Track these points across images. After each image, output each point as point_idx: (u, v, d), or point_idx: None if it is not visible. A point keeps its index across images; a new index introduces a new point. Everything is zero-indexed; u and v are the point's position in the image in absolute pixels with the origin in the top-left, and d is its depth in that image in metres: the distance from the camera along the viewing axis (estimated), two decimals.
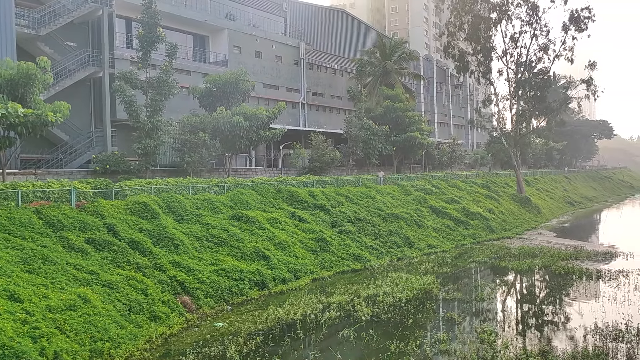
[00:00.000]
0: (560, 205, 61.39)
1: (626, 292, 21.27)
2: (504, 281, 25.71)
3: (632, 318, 17.52)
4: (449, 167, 64.56)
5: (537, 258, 28.94)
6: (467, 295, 21.85)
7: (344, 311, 18.72)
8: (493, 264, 28.56)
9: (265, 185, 31.63)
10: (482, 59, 51.35)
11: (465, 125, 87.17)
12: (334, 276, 25.09)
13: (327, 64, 60.78)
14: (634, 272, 24.95)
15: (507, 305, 21.25)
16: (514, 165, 53.74)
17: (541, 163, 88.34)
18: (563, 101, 55.78)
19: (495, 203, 46.96)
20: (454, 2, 49.89)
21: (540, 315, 19.36)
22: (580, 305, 20.07)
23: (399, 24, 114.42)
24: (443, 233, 35.53)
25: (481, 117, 59.88)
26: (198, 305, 18.84)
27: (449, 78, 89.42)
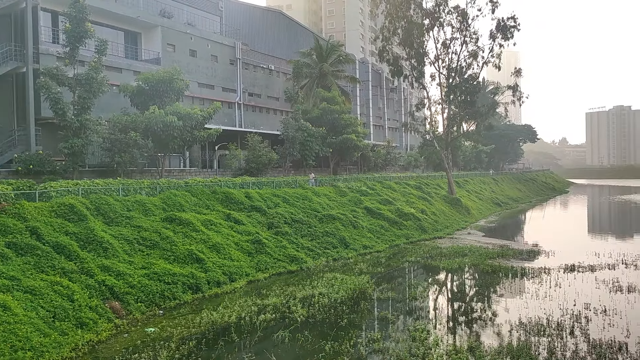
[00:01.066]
0: (488, 206, 63.87)
1: (548, 289, 22.36)
2: (436, 280, 26.41)
3: (553, 313, 18.43)
4: (383, 168, 65.78)
5: (467, 257, 29.93)
6: (401, 294, 22.28)
7: (279, 313, 18.62)
8: (425, 263, 29.28)
9: (199, 186, 31.01)
10: (416, 64, 52.73)
11: (399, 128, 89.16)
12: (270, 278, 24.94)
13: (264, 65, 60.47)
14: (554, 269, 26.28)
15: (438, 303, 21.82)
16: (446, 167, 55.48)
17: (471, 165, 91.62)
18: (491, 106, 58.18)
19: (428, 204, 48.26)
20: (388, 7, 50.94)
21: (469, 312, 20.00)
22: (507, 301, 20.91)
23: (335, 27, 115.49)
24: (378, 234, 36.11)
25: (415, 121, 61.42)
26: (128, 310, 18.19)
27: (384, 81, 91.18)
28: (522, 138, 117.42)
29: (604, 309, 18.84)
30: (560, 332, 16.23)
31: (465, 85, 53.34)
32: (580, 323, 17.18)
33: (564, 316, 18.00)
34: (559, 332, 16.24)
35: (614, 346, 14.81)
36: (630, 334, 16.10)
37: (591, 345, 14.93)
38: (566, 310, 18.79)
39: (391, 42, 52.27)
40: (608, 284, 22.92)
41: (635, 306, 19.34)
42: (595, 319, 17.65)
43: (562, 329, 16.45)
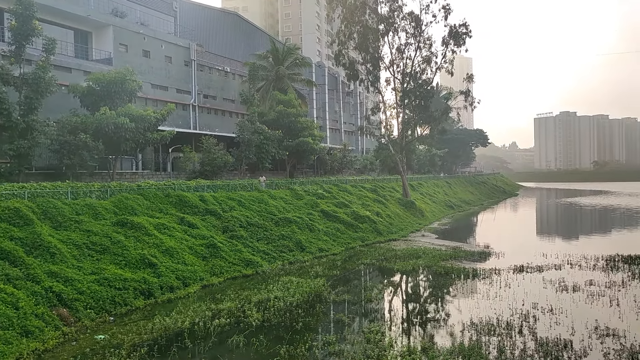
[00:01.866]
0: (441, 209, 65.15)
1: (498, 289, 22.96)
2: (391, 282, 26.73)
3: (503, 313, 18.94)
4: (340, 172, 66.19)
5: (421, 259, 30.41)
6: (356, 296, 22.42)
7: (234, 317, 18.43)
8: (380, 266, 29.58)
9: (152, 189, 30.38)
10: (371, 68, 53.35)
11: (355, 131, 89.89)
12: (225, 282, 24.66)
13: (220, 67, 59.89)
14: (504, 270, 27.02)
15: (393, 304, 22.07)
16: (400, 170, 56.26)
17: (425, 169, 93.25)
18: (444, 111, 59.35)
19: (383, 207, 48.82)
20: (344, 12, 51.34)
21: (423, 313, 20.32)
22: (459, 302, 21.34)
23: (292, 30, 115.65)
24: (334, 236, 36.27)
25: (370, 124, 62.07)
26: (77, 317, 17.62)
27: (340, 85, 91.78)
28: (474, 142, 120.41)
29: (551, 308, 19.48)
30: (509, 331, 16.68)
31: (419, 90, 54.29)
32: (528, 322, 17.70)
33: (513, 316, 18.51)
34: (508, 331, 16.69)
35: (560, 344, 15.33)
36: (575, 331, 16.69)
37: (538, 344, 15.40)
38: (515, 309, 19.33)
39: (347, 46, 52.71)
40: (554, 283, 23.72)
41: (580, 305, 20.08)
42: (543, 318, 18.23)
43: (511, 328, 16.91)
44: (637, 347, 15.01)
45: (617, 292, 21.81)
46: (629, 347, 15.00)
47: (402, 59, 53.39)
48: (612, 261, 28.79)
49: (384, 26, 51.88)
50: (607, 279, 24.38)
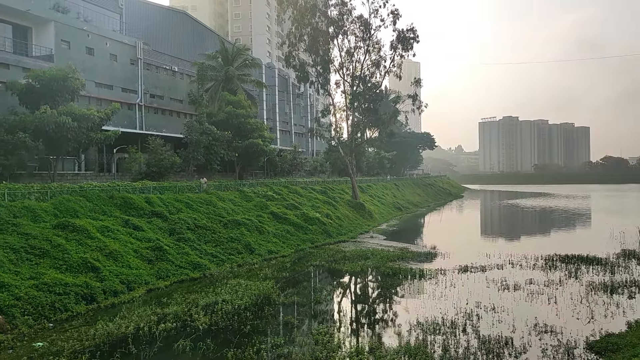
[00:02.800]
0: (390, 210, 66.14)
1: (443, 289, 23.50)
2: (340, 283, 26.89)
3: (448, 312, 19.40)
4: (290, 173, 66.14)
5: (369, 260, 30.75)
6: (306, 298, 22.44)
7: (180, 322, 18.09)
8: (330, 267, 29.71)
9: (96, 191, 29.45)
10: (321, 71, 53.58)
11: (305, 133, 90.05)
12: (171, 286, 24.17)
13: (167, 66, 58.77)
14: (450, 270, 27.68)
15: (342, 305, 22.21)
16: (350, 172, 56.76)
17: (374, 171, 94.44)
18: (393, 114, 60.38)
19: (333, 209, 49.11)
20: (295, 13, 51.36)
21: (372, 314, 20.56)
22: (407, 302, 21.71)
23: (242, 31, 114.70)
24: (283, 238, 36.18)
25: (320, 127, 62.32)
26: (14, 324, 16.86)
27: (290, 87, 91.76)
28: (421, 145, 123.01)
29: (493, 306, 20.10)
30: (454, 330, 17.10)
31: (368, 93, 54.95)
32: (472, 321, 18.20)
33: (458, 314, 18.99)
34: (452, 330, 17.11)
35: (501, 341, 15.83)
36: (516, 329, 17.28)
37: (481, 342, 15.85)
38: (460, 308, 19.84)
39: (298, 48, 52.76)
40: (497, 282, 24.48)
41: (521, 303, 20.81)
42: (486, 317, 18.78)
43: (456, 327, 17.34)
44: (573, 342, 15.68)
45: (555, 290, 22.73)
46: (565, 343, 15.64)
47: (352, 62, 53.91)
48: (551, 261, 29.98)
49: (334, 29, 52.25)
50: (546, 278, 25.36)
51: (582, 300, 20.92)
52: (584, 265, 28.27)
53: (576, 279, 24.98)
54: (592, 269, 27.41)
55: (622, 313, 18.93)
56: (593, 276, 25.58)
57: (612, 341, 15.22)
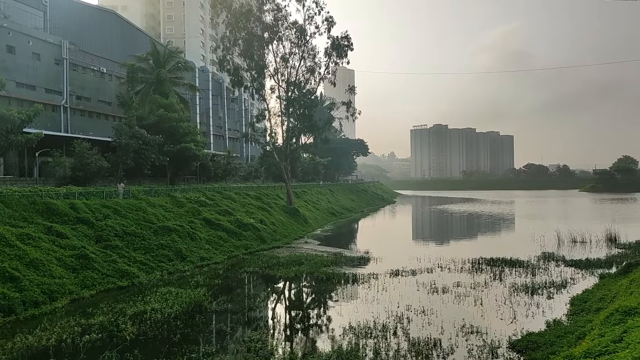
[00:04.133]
0: (324, 216, 66.60)
1: (376, 293, 23.90)
2: (274, 289, 26.75)
3: (380, 315, 19.73)
4: (223, 179, 65.21)
5: (304, 265, 30.79)
6: (239, 305, 22.16)
7: (107, 332, 17.38)
8: (264, 273, 29.51)
9: (15, 196, 27.85)
10: (256, 76, 53.38)
11: (240, 138, 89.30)
12: (98, 295, 23.19)
13: (95, 67, 56.64)
14: (382, 275, 28.19)
15: (276, 312, 22.09)
16: (285, 178, 56.74)
17: (309, 177, 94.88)
18: (327, 120, 60.97)
19: (267, 214, 48.86)
20: (229, 17, 50.90)
21: (306, 319, 20.57)
22: (341, 306, 21.88)
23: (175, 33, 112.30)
24: (216, 245, 35.60)
25: (255, 132, 61.96)
26: None
27: (225, 91, 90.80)
28: (355, 151, 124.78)
29: (423, 309, 20.63)
30: (385, 333, 17.40)
31: (303, 99, 55.23)
32: (402, 324, 18.58)
33: (389, 318, 19.34)
34: (384, 333, 17.40)
35: (430, 343, 16.26)
36: (444, 330, 17.80)
37: (411, 344, 16.22)
38: (391, 312, 20.21)
39: (232, 52, 52.32)
40: (427, 286, 25.17)
41: (449, 305, 21.47)
42: (416, 319, 19.24)
43: (387, 330, 17.65)
44: (497, 342, 16.33)
45: (481, 292, 23.62)
46: (489, 343, 16.27)
47: (287, 68, 54.02)
48: (477, 264, 31.16)
49: (269, 34, 52.21)
50: (473, 280, 26.33)
51: (506, 301, 21.85)
52: (507, 268, 29.56)
53: (500, 281, 26.08)
54: (515, 271, 28.71)
55: (541, 313, 19.91)
56: (516, 278, 26.79)
57: (533, 340, 15.97)
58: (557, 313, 19.57)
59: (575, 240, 41.01)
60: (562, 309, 20.12)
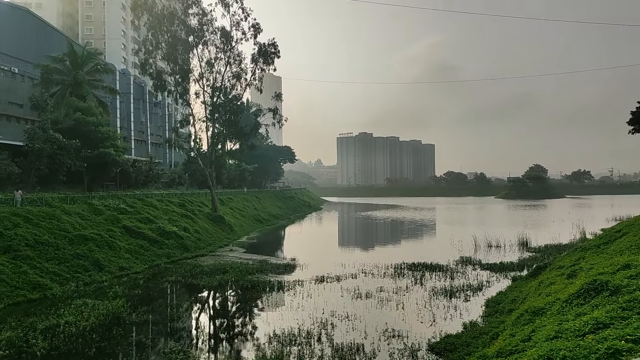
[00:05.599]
0: (251, 223, 66.04)
1: (301, 299, 23.95)
2: (198, 298, 26.18)
3: (304, 322, 19.78)
4: (145, 185, 63.20)
5: (228, 274, 30.34)
6: (160, 316, 21.52)
7: (15, 348, 16.32)
8: (187, 282, 28.81)
9: None
10: (180, 80, 52.25)
11: (163, 143, 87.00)
12: (5, 309, 21.73)
13: (5, 66, 53.36)
14: (307, 281, 28.31)
15: (200, 321, 21.60)
16: (210, 184, 55.79)
17: (235, 183, 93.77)
18: (254, 127, 60.65)
19: (191, 222, 47.81)
20: (151, 20, 49.51)
21: (230, 328, 20.28)
22: (266, 314, 21.74)
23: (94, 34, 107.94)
24: (137, 254, 34.40)
25: (179, 137, 60.60)
26: None
27: (147, 95, 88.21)
28: (282, 158, 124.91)
29: (347, 315, 20.89)
30: (309, 339, 17.46)
31: (229, 105, 54.65)
32: (326, 330, 18.73)
33: (314, 324, 19.43)
34: (308, 340, 17.46)
35: (354, 348, 16.49)
36: (367, 335, 18.11)
37: (334, 349, 16.38)
38: (316, 318, 20.32)
39: (155, 56, 50.94)
40: (351, 291, 25.51)
41: (372, 310, 21.87)
42: (340, 325, 19.45)
43: (311, 337, 17.72)
44: (417, 345, 16.81)
45: (403, 297, 24.25)
46: (410, 346, 16.72)
47: (212, 73, 53.32)
48: (399, 269, 31.97)
49: (194, 38, 51.30)
50: (395, 285, 26.98)
51: (426, 304, 22.55)
52: (428, 272, 30.54)
53: (421, 285, 26.88)
54: (435, 275, 29.71)
55: (459, 315, 20.71)
56: (436, 282, 27.72)
57: (450, 341, 16.57)
58: (473, 315, 20.41)
59: (491, 244, 43.01)
60: (478, 311, 21.02)
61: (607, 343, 7.54)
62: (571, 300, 12.93)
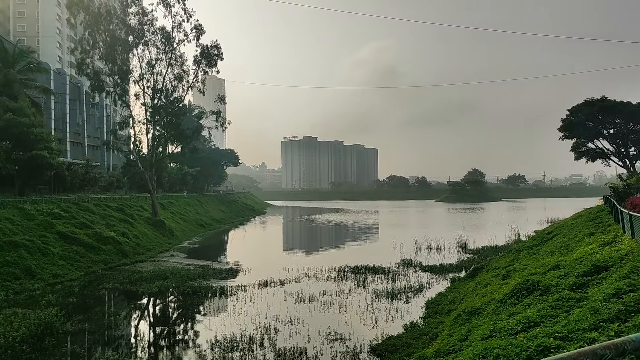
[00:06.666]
0: (193, 228, 64.87)
1: (243, 305, 23.70)
2: (137, 305, 25.45)
3: (247, 327, 19.58)
4: (82, 189, 60.94)
5: (169, 280, 29.65)
6: (97, 324, 20.78)
7: None
8: (125, 289, 27.93)
9: None
10: (119, 81, 50.78)
11: (101, 146, 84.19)
12: None
13: None
14: (250, 286, 28.05)
15: (140, 329, 21.00)
16: (150, 188, 54.41)
17: (177, 187, 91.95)
18: (196, 129, 59.69)
19: (130, 227, 46.46)
20: (88, 18, 47.82)
21: (171, 336, 19.82)
22: (208, 320, 21.37)
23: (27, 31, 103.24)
24: (72, 260, 33.08)
25: (118, 140, 58.83)
26: None
27: (84, 96, 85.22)
28: (226, 162, 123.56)
29: (290, 319, 20.84)
30: (251, 345, 17.30)
31: (170, 107, 53.59)
32: (269, 334, 18.61)
33: (257, 329, 19.27)
34: (250, 345, 17.29)
35: (296, 352, 16.46)
36: (310, 339, 18.12)
37: (277, 354, 16.29)
38: (258, 323, 20.15)
39: (92, 55, 49.26)
40: (294, 295, 25.47)
41: (315, 314, 21.92)
42: (283, 329, 19.37)
43: (254, 342, 17.56)
44: (359, 347, 16.96)
45: (345, 300, 24.44)
46: (352, 349, 16.86)
47: (153, 74, 52.10)
48: (343, 272, 32.21)
49: (134, 38, 49.97)
50: (338, 288, 27.15)
51: (368, 307, 22.81)
52: (370, 275, 30.91)
53: (364, 288, 27.18)
54: (377, 277, 30.11)
55: (400, 317, 21.06)
56: (378, 284, 28.10)
57: (391, 343, 16.83)
58: (414, 316, 20.82)
59: (431, 247, 44.06)
60: (419, 312, 21.46)
61: (537, 341, 7.86)
62: (505, 300, 13.41)
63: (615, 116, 60.34)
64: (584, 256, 15.21)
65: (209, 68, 53.05)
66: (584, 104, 62.65)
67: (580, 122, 62.03)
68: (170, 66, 51.98)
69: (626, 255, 13.16)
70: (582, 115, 61.97)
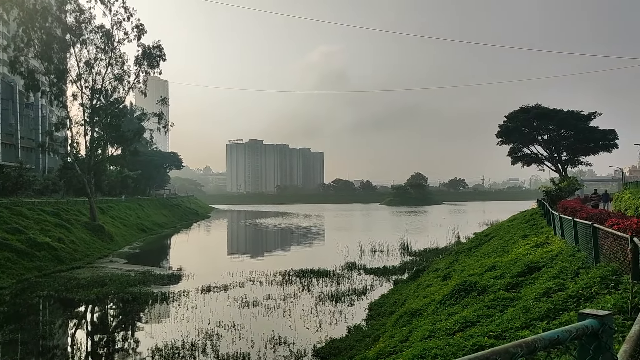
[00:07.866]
0: (133, 232, 63.12)
1: (186, 311, 23.28)
2: (74, 314, 24.57)
3: (189, 334, 19.24)
4: (14, 193, 58.11)
5: (107, 286, 28.74)
6: (31, 334, 19.95)
7: None
8: (61, 297, 26.87)
9: None
10: (55, 80, 48.87)
11: (36, 148, 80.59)
12: None
13: None
14: (193, 291, 27.57)
15: (76, 338, 20.24)
16: (88, 192, 52.57)
17: (117, 191, 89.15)
18: (137, 131, 58.25)
19: (67, 232, 44.72)
20: (22, 15, 45.75)
21: (111, 344, 19.25)
22: (150, 327, 20.86)
23: None
24: (3, 267, 31.48)
25: (54, 141, 56.53)
26: None
27: (17, 95, 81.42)
28: (168, 165, 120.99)
29: (234, 324, 20.63)
30: (193, 351, 17.02)
31: (110, 108, 52.06)
32: (212, 340, 18.36)
33: (199, 335, 18.98)
34: (192, 352, 17.01)
35: (239, 357, 16.33)
36: (254, 344, 18.01)
37: None
38: (201, 329, 19.84)
39: (26, 53, 47.19)
40: (238, 300, 25.25)
41: (259, 318, 21.81)
42: (226, 335, 19.16)
43: (196, 349, 17.28)
44: (303, 351, 17.02)
45: (290, 303, 24.44)
46: (296, 352, 16.89)
47: (92, 74, 50.40)
48: (287, 276, 32.19)
49: (71, 37, 48.20)
50: (282, 292, 27.11)
51: (312, 310, 22.90)
52: (315, 278, 31.04)
53: (308, 292, 27.27)
54: (322, 281, 30.28)
55: (344, 319, 21.27)
56: (322, 288, 28.26)
57: (335, 345, 16.97)
58: (357, 318, 21.06)
59: (375, 249, 44.70)
60: (362, 315, 21.73)
61: (473, 340, 8.15)
62: (445, 301, 13.81)
63: (549, 122, 63.33)
64: (518, 257, 15.87)
65: (151, 69, 51.89)
66: (520, 110, 65.46)
67: (517, 128, 64.78)
68: (110, 66, 50.48)
69: (556, 256, 13.84)
70: (518, 121, 64.75)
